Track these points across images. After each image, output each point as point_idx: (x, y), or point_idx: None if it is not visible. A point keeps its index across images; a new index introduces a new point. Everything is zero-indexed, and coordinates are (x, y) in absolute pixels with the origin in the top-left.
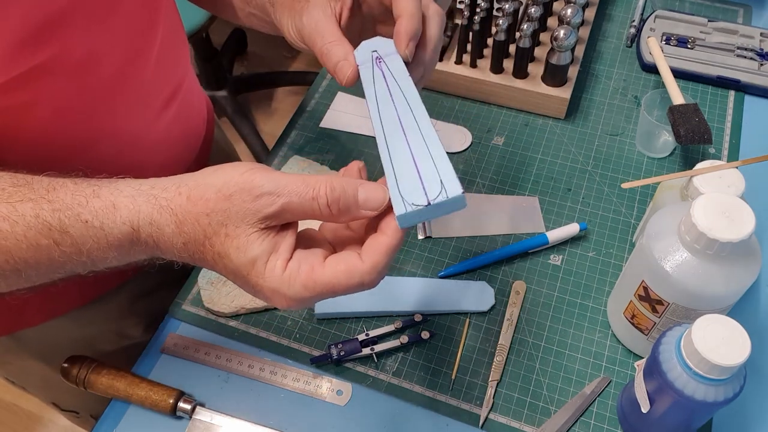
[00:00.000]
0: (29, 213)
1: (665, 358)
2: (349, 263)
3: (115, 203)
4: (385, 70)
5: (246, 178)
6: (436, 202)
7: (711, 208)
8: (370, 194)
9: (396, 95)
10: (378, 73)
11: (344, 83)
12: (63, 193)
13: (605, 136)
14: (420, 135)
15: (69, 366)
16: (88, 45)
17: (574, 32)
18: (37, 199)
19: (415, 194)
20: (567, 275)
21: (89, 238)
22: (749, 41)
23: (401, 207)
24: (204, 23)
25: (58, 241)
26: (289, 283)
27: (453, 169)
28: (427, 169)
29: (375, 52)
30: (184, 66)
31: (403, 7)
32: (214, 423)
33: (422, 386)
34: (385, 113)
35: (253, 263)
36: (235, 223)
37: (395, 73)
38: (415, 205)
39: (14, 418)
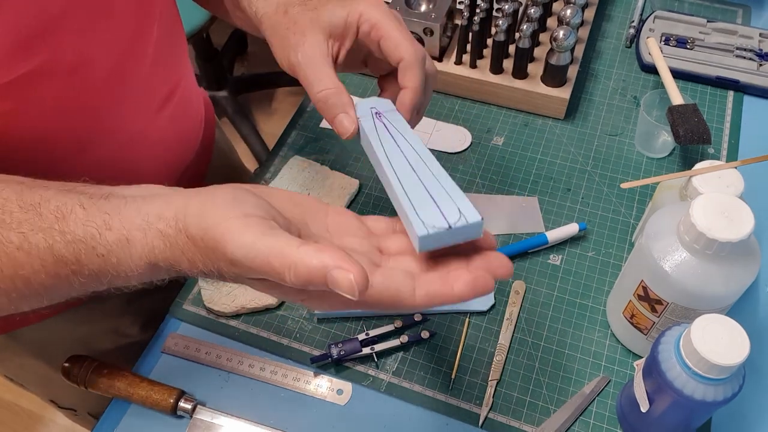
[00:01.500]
0: (42, 245)
1: (664, 357)
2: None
3: (129, 238)
4: (387, 123)
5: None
6: (456, 226)
7: (710, 208)
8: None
9: (402, 144)
10: (380, 125)
11: (344, 137)
12: (73, 223)
13: (605, 136)
14: (431, 174)
15: (70, 365)
16: (81, 49)
17: (574, 33)
18: (48, 229)
19: (435, 219)
20: (566, 275)
21: (108, 271)
22: (748, 42)
23: (422, 229)
24: (204, 23)
25: (76, 272)
26: None
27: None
28: (443, 200)
29: (373, 108)
30: (181, 66)
31: (410, 80)
32: (215, 422)
33: (422, 386)
34: (394, 157)
35: None
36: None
37: (397, 126)
38: (435, 227)
39: (15, 417)
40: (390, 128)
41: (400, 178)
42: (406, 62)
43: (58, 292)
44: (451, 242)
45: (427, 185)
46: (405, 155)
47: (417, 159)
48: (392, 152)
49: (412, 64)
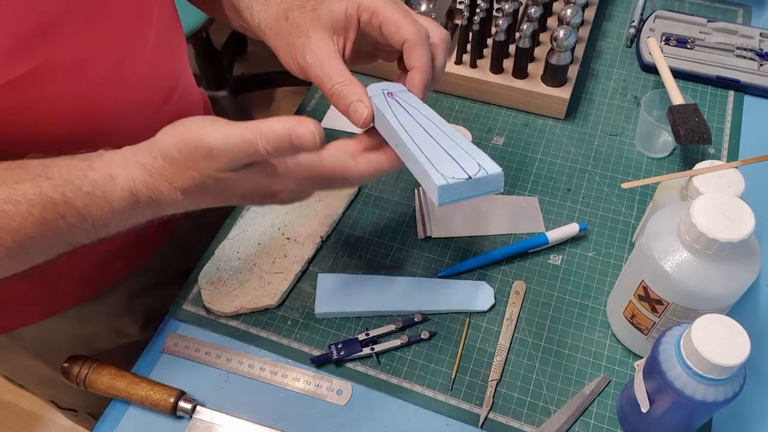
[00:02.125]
0: (30, 192)
1: (665, 357)
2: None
3: (112, 173)
4: (400, 100)
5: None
6: (476, 177)
7: (711, 208)
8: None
9: (417, 115)
10: (393, 102)
11: (360, 125)
12: (59, 169)
13: (605, 136)
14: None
15: (69, 366)
16: (80, 49)
17: (574, 32)
18: (35, 178)
19: (454, 170)
20: (567, 275)
21: (93, 207)
22: (749, 41)
23: (441, 179)
24: (204, 23)
25: (63, 213)
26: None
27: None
28: (461, 157)
29: (385, 89)
30: (180, 65)
31: (416, 60)
32: (215, 422)
33: (422, 386)
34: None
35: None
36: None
37: (411, 102)
38: (455, 178)
39: (15, 417)
40: (404, 104)
41: (416, 141)
42: (409, 42)
43: (44, 242)
44: (471, 195)
45: (445, 146)
46: (420, 124)
47: (433, 126)
48: (407, 122)
49: (416, 43)
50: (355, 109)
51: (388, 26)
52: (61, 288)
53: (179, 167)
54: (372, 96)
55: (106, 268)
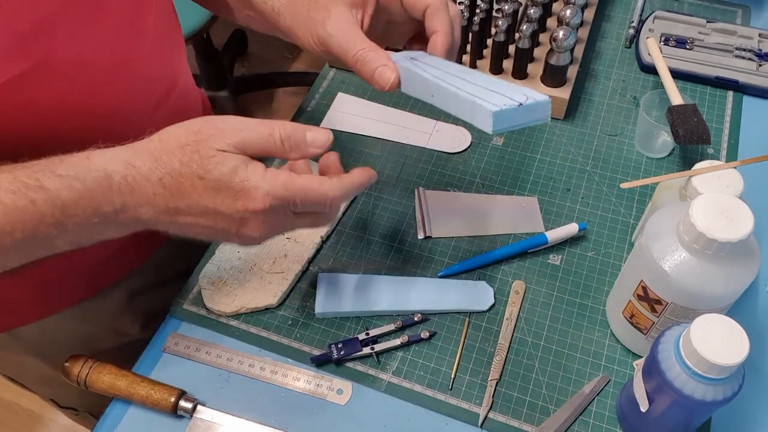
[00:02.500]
0: (5, 179)
1: (664, 357)
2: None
3: (89, 156)
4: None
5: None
6: (526, 104)
7: (710, 208)
8: (317, 135)
9: (448, 68)
10: (419, 64)
11: (387, 88)
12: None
13: (604, 136)
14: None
15: (70, 365)
16: (77, 48)
17: (574, 33)
18: (13, 169)
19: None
20: (566, 275)
21: (63, 189)
22: (748, 42)
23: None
24: (204, 24)
25: (33, 199)
26: (272, 181)
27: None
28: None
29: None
30: (178, 64)
31: (439, 23)
32: (215, 422)
33: (422, 385)
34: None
35: (235, 170)
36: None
37: (437, 63)
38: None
39: (15, 417)
40: (431, 64)
41: (457, 86)
42: (432, 7)
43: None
44: (521, 123)
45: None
46: (455, 74)
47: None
48: (441, 75)
49: (439, 8)
50: (381, 73)
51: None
52: (60, 287)
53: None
54: (396, 61)
55: (106, 268)
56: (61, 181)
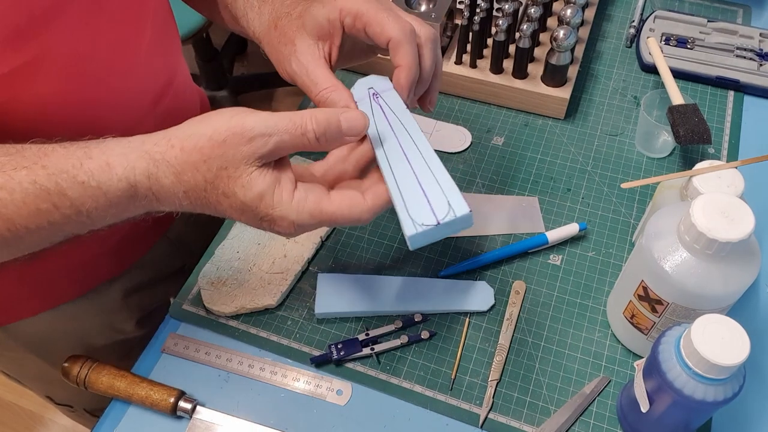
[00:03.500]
0: (25, 180)
1: (665, 357)
2: (353, 199)
3: (109, 162)
4: (383, 105)
5: (236, 122)
6: (445, 222)
7: (710, 208)
8: (352, 123)
9: (396, 128)
10: (377, 108)
11: None
12: (55, 158)
13: (605, 136)
14: (424, 162)
15: (69, 366)
16: (75, 42)
17: (574, 32)
18: (31, 166)
19: (424, 215)
20: (567, 275)
21: (88, 198)
22: (748, 41)
23: (411, 228)
24: (204, 24)
25: (57, 204)
26: (298, 210)
27: (458, 190)
28: (433, 192)
29: (371, 88)
30: (175, 60)
31: (401, 58)
32: (215, 422)
33: (422, 386)
34: (388, 144)
35: (262, 197)
36: (235, 165)
37: (393, 107)
38: (425, 225)
39: (15, 417)
40: (386, 111)
41: (393, 170)
42: (393, 41)
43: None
44: (442, 235)
45: (419, 176)
46: (399, 142)
47: (411, 146)
48: (387, 139)
49: (400, 41)
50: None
51: (372, 27)
52: (55, 284)
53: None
54: (358, 99)
55: (101, 264)
56: (84, 190)
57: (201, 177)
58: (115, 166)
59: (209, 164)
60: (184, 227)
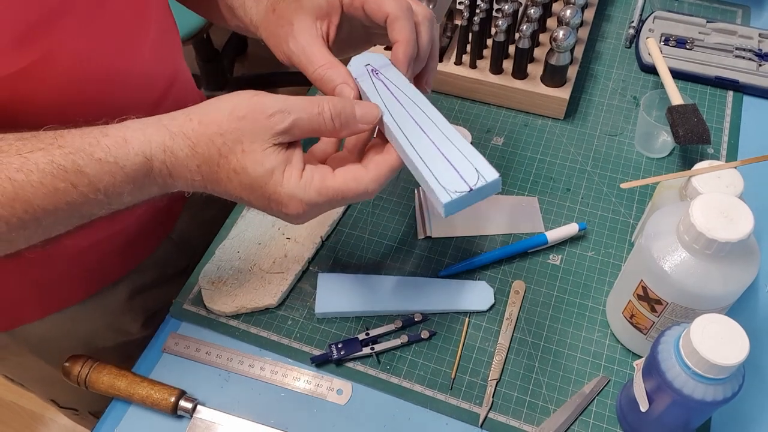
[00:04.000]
0: (42, 160)
1: (664, 357)
2: (356, 172)
3: (126, 137)
4: (385, 80)
5: (256, 101)
6: (477, 187)
7: (710, 208)
8: (366, 110)
9: (404, 101)
10: (379, 84)
11: None
12: (71, 137)
13: (604, 136)
14: (441, 133)
15: (70, 365)
16: (79, 44)
17: (574, 33)
18: (47, 147)
19: (455, 183)
20: (566, 275)
21: (105, 174)
22: (748, 42)
23: (446, 196)
24: (204, 24)
25: (74, 182)
26: (305, 188)
27: (482, 156)
28: (458, 160)
29: (368, 65)
30: (176, 62)
31: (399, 33)
32: (215, 422)
33: (422, 385)
34: (400, 118)
35: (272, 173)
36: (251, 140)
37: (395, 81)
38: (458, 192)
39: (15, 417)
40: (390, 86)
41: (413, 143)
42: (391, 16)
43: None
44: (473, 202)
45: (440, 146)
46: (412, 116)
47: (424, 118)
48: (399, 115)
49: (398, 16)
50: (341, 91)
51: (370, 4)
52: (61, 286)
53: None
54: (357, 77)
55: (107, 266)
56: (101, 166)
57: (215, 150)
58: (132, 141)
59: (225, 138)
60: (188, 228)
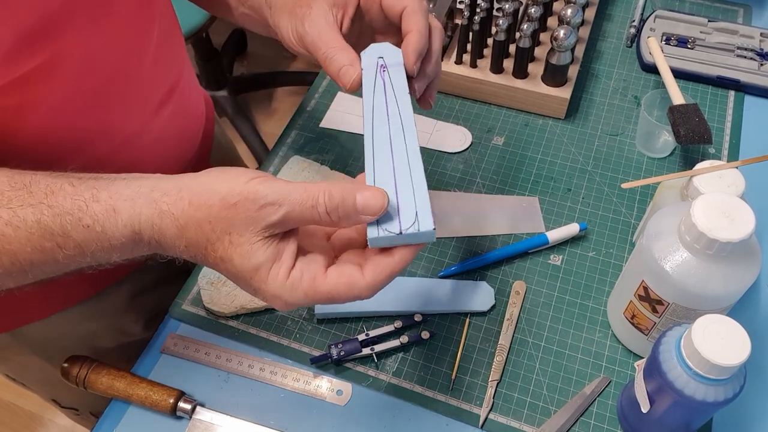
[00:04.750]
0: (30, 218)
1: (665, 358)
2: (350, 278)
3: (115, 207)
4: (387, 81)
5: (250, 188)
6: (407, 233)
7: (711, 208)
8: (368, 201)
9: (392, 112)
10: (380, 83)
11: (348, 87)
12: (62, 197)
13: (605, 136)
14: (406, 160)
15: (69, 366)
16: (84, 47)
17: (574, 32)
18: (37, 204)
19: (390, 223)
20: (567, 275)
21: (92, 242)
22: (749, 41)
23: (374, 231)
24: (204, 23)
25: (61, 244)
26: (291, 290)
27: (429, 202)
28: (405, 197)
29: (381, 58)
30: (180, 63)
31: (414, 24)
32: (214, 423)
33: (422, 386)
34: (378, 129)
35: (257, 270)
36: (239, 232)
37: (396, 87)
38: (388, 231)
39: (15, 417)
40: (388, 91)
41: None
42: (409, 9)
43: (43, 267)
44: (401, 243)
45: (398, 179)
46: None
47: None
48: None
49: (416, 9)
50: (345, 72)
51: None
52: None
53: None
54: (365, 67)
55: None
56: (88, 234)
57: (203, 236)
58: (121, 212)
59: (213, 225)
60: None
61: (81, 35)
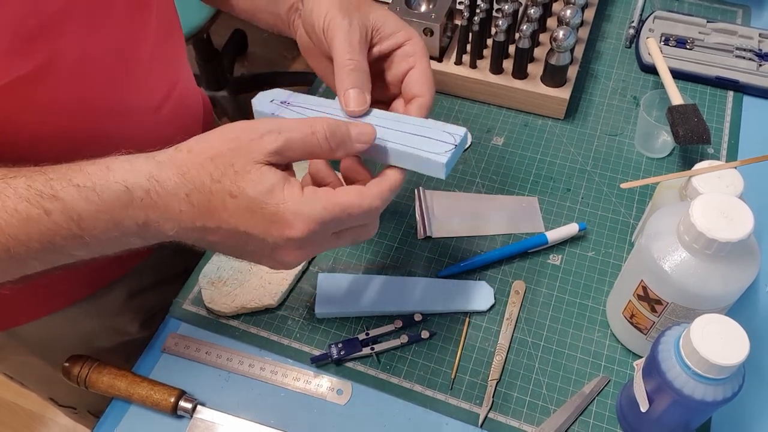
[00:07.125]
0: (21, 185)
1: (664, 357)
2: (359, 188)
3: (110, 165)
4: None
5: (246, 123)
6: (458, 142)
7: (710, 208)
8: (362, 129)
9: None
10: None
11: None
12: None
13: (604, 136)
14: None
15: (70, 365)
16: (80, 49)
17: (574, 33)
18: (31, 174)
19: (442, 146)
20: (566, 275)
21: (80, 200)
22: (748, 42)
23: (442, 157)
24: (204, 24)
25: (48, 209)
26: (312, 202)
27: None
28: (430, 132)
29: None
30: (179, 65)
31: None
32: (215, 422)
33: (422, 385)
34: None
35: (272, 191)
36: (244, 159)
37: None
38: (448, 151)
39: (15, 417)
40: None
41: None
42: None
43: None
44: (458, 156)
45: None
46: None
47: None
48: None
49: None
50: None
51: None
52: (60, 286)
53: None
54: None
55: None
56: (78, 192)
57: (207, 174)
58: (115, 169)
59: (216, 162)
60: None
61: (77, 37)
